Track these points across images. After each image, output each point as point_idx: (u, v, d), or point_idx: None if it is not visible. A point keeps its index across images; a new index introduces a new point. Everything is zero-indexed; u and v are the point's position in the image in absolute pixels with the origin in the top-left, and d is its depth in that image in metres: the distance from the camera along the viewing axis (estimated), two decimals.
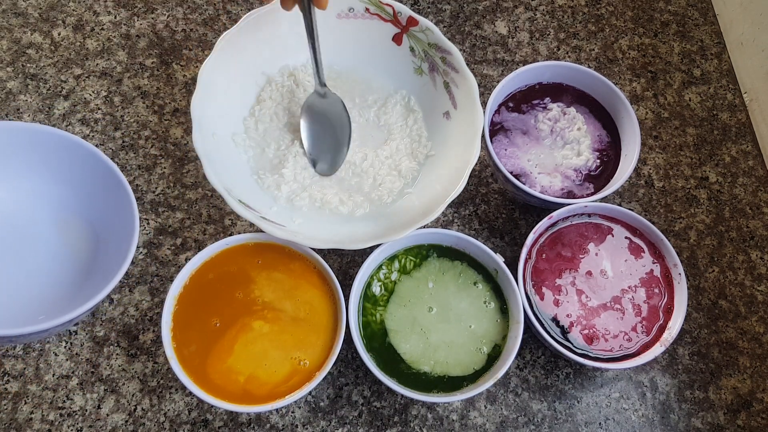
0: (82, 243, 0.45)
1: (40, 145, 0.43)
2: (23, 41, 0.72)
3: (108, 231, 0.45)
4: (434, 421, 0.60)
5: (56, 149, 0.43)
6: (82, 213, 0.46)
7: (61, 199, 0.45)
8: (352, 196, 0.62)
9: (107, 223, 0.45)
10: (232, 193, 0.55)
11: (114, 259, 0.42)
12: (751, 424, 0.62)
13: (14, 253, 0.44)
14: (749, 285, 0.68)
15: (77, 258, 0.45)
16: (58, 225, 0.45)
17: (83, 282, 0.44)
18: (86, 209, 0.45)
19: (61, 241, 0.45)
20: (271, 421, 0.58)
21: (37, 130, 0.42)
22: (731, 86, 0.79)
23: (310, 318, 0.56)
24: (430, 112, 0.66)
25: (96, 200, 0.45)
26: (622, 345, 0.59)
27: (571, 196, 0.64)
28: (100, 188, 0.44)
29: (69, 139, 0.42)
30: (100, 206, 0.45)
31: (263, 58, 0.64)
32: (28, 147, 0.43)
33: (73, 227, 0.45)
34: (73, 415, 0.57)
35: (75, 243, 0.45)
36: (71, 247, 0.45)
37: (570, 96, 0.69)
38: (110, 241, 0.44)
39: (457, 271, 0.61)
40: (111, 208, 0.44)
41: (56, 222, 0.45)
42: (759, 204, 0.73)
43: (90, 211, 0.45)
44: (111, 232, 0.44)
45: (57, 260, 0.45)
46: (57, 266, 0.44)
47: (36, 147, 0.43)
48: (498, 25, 0.80)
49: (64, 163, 0.44)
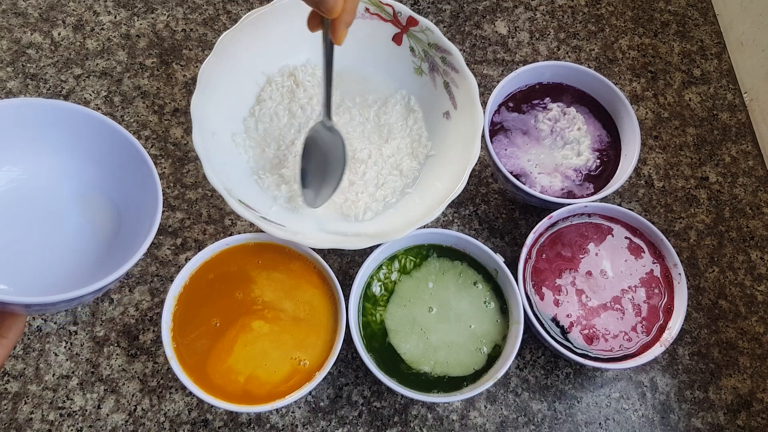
0: (105, 219, 0.47)
1: (63, 121, 0.43)
2: (23, 41, 0.72)
3: (130, 207, 0.46)
4: (434, 421, 0.60)
5: (79, 126, 0.44)
6: (105, 189, 0.47)
7: (84, 175, 0.46)
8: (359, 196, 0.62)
9: (130, 200, 0.46)
10: (232, 193, 0.55)
11: (136, 235, 0.43)
12: (751, 424, 0.62)
13: (38, 227, 0.45)
14: (749, 285, 0.68)
15: (100, 233, 0.46)
16: (81, 201, 0.46)
17: (107, 256, 0.45)
18: (109, 186, 0.46)
19: (84, 217, 0.46)
20: (271, 421, 0.58)
21: (61, 107, 0.43)
22: (731, 86, 0.79)
23: (310, 318, 0.56)
24: (430, 112, 0.66)
25: (119, 177, 0.46)
26: (622, 345, 0.59)
27: (571, 196, 0.64)
28: (122, 165, 0.45)
29: (92, 116, 0.43)
30: (123, 183, 0.46)
31: (263, 58, 0.64)
32: (52, 124, 0.43)
33: (96, 203, 0.47)
34: (73, 415, 0.57)
35: (98, 218, 0.46)
36: (94, 223, 0.46)
37: (570, 96, 0.69)
38: (132, 217, 0.46)
39: (457, 271, 0.61)
40: (133, 185, 0.45)
41: (79, 198, 0.46)
42: (759, 204, 0.73)
43: (112, 187, 0.46)
44: (133, 209, 0.46)
45: (80, 235, 0.46)
46: (81, 240, 0.46)
47: (59, 124, 0.44)
48: (498, 25, 0.80)
49: (86, 139, 0.45)
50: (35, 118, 0.43)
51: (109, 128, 0.44)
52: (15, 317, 0.40)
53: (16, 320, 0.40)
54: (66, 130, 0.44)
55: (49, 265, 0.44)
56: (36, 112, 0.42)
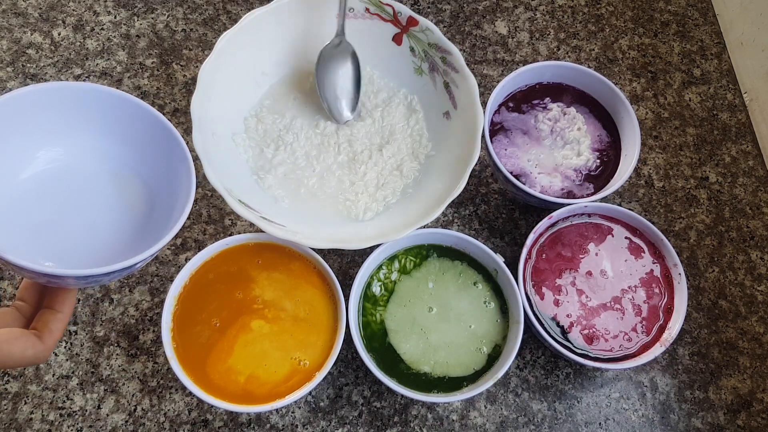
0: (139, 198, 0.48)
1: (99, 104, 0.45)
2: (23, 41, 0.72)
3: (163, 186, 0.48)
4: (434, 421, 0.60)
5: (114, 109, 0.46)
6: (139, 169, 0.48)
7: (119, 156, 0.48)
8: (359, 196, 0.62)
9: (163, 180, 0.48)
10: (232, 193, 0.55)
11: (170, 213, 0.45)
12: (751, 424, 0.62)
13: (76, 205, 0.47)
14: (749, 285, 0.68)
15: (135, 211, 0.48)
16: (116, 180, 0.48)
17: (142, 233, 0.47)
18: (143, 166, 0.48)
19: (119, 196, 0.48)
20: (271, 421, 0.58)
21: (98, 90, 0.45)
22: (731, 86, 0.79)
23: (310, 318, 0.56)
24: (430, 112, 0.66)
25: (152, 157, 0.48)
26: (622, 345, 0.59)
27: (571, 196, 0.64)
28: (156, 146, 0.47)
29: (127, 99, 0.45)
30: (156, 163, 0.48)
31: (263, 58, 0.64)
32: (89, 106, 0.45)
33: (131, 183, 0.48)
34: (73, 415, 0.57)
35: (132, 198, 0.48)
36: (129, 202, 0.48)
37: (570, 96, 0.69)
38: (166, 196, 0.47)
39: (457, 271, 0.61)
40: (167, 166, 0.47)
41: (114, 178, 0.48)
42: (759, 204, 0.73)
43: (146, 167, 0.48)
44: (166, 188, 0.47)
45: (115, 214, 0.47)
46: (115, 219, 0.47)
47: (96, 106, 0.45)
48: (498, 25, 0.80)
49: (121, 122, 0.46)
50: (73, 101, 0.44)
51: (143, 111, 0.46)
52: (67, 292, 0.42)
53: (68, 294, 0.42)
54: (102, 113, 0.46)
55: (86, 243, 0.46)
56: (75, 95, 0.44)
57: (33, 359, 0.39)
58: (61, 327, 0.41)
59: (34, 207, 0.45)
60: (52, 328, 0.40)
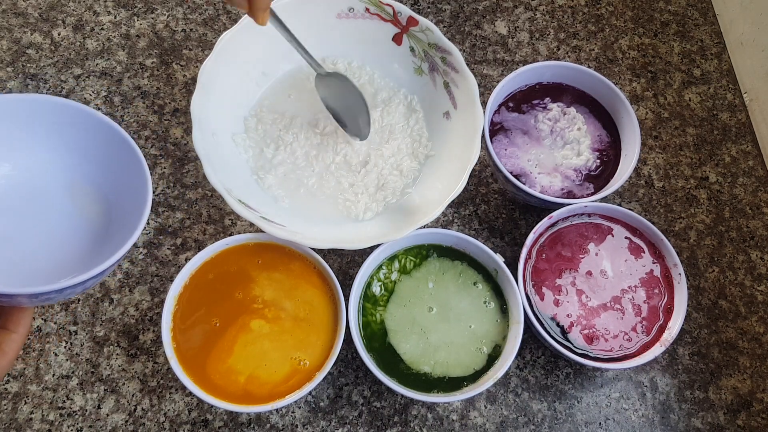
0: (96, 210, 0.47)
1: (49, 115, 0.44)
2: (23, 41, 0.72)
3: (121, 199, 0.47)
4: (434, 421, 0.60)
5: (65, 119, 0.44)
6: (95, 181, 0.47)
7: (73, 167, 0.47)
8: (359, 196, 0.62)
9: (120, 192, 0.46)
10: (232, 193, 0.55)
11: (127, 226, 0.43)
12: (751, 424, 0.62)
13: (31, 221, 0.45)
14: (749, 285, 0.68)
15: (93, 224, 0.47)
16: (72, 193, 0.47)
17: (101, 247, 0.46)
18: (99, 177, 0.47)
19: (76, 209, 0.47)
20: (271, 421, 0.58)
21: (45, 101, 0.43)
22: (731, 86, 0.79)
23: (310, 318, 0.56)
24: (430, 112, 0.66)
25: (108, 169, 0.46)
26: (622, 345, 0.59)
27: (571, 196, 0.64)
28: (111, 157, 0.46)
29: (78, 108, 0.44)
30: (113, 175, 0.46)
31: (263, 58, 0.64)
32: (38, 118, 0.44)
33: (86, 195, 0.47)
34: (73, 415, 0.57)
35: (89, 210, 0.47)
36: (86, 214, 0.47)
37: (570, 96, 0.69)
38: (123, 208, 0.46)
39: (457, 271, 0.61)
40: (124, 177, 0.45)
41: (69, 190, 0.47)
42: (759, 204, 0.73)
43: (102, 179, 0.47)
44: (124, 200, 0.46)
45: (73, 227, 0.46)
46: (73, 232, 0.46)
47: (45, 118, 0.44)
48: (498, 25, 0.80)
49: (74, 132, 0.45)
50: (21, 114, 0.43)
51: (98, 121, 0.44)
52: (22, 311, 0.41)
53: (23, 314, 0.41)
54: (54, 125, 0.44)
55: (43, 259, 0.45)
56: (21, 107, 0.43)
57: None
58: (15, 348, 0.40)
59: None
60: (6, 349, 0.39)
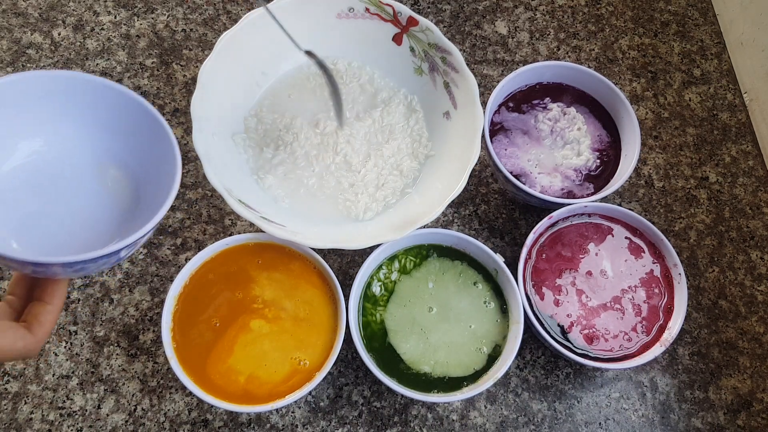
0: (125, 187, 0.47)
1: (78, 92, 0.44)
2: (23, 41, 0.72)
3: (149, 176, 0.47)
4: (434, 421, 0.60)
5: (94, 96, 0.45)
6: (124, 158, 0.47)
7: (103, 144, 0.47)
8: (359, 196, 0.62)
9: (149, 169, 0.47)
10: (232, 193, 0.55)
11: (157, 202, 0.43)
12: (751, 424, 0.62)
13: (60, 195, 0.46)
14: (749, 285, 0.68)
15: (120, 201, 0.47)
16: (101, 170, 0.47)
17: (128, 224, 0.46)
18: (128, 155, 0.47)
19: (104, 186, 0.47)
20: (271, 421, 0.58)
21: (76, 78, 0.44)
22: (731, 86, 0.79)
23: (311, 318, 0.56)
24: (430, 112, 0.66)
25: (138, 147, 0.46)
26: (622, 345, 0.59)
27: (571, 196, 0.64)
28: (142, 134, 0.46)
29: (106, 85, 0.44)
30: (142, 153, 0.46)
31: (263, 58, 0.64)
32: (68, 94, 0.44)
33: (116, 173, 0.47)
34: (73, 415, 0.57)
35: (118, 187, 0.47)
36: (114, 191, 0.47)
37: (570, 96, 0.69)
38: (152, 185, 0.46)
39: (457, 271, 0.61)
40: (153, 155, 0.46)
41: (98, 167, 0.47)
42: (759, 204, 0.73)
43: (131, 157, 0.47)
44: (152, 178, 0.46)
45: (100, 203, 0.47)
46: (101, 209, 0.46)
47: (75, 94, 0.44)
48: (498, 25, 0.80)
49: (103, 109, 0.45)
50: (55, 90, 0.43)
51: (127, 98, 0.44)
52: (56, 283, 0.41)
53: (58, 286, 0.41)
54: (84, 101, 0.45)
55: (75, 233, 0.45)
56: (56, 84, 0.43)
57: (24, 351, 0.38)
58: (51, 319, 0.40)
59: (18, 200, 0.44)
60: (42, 320, 0.40)
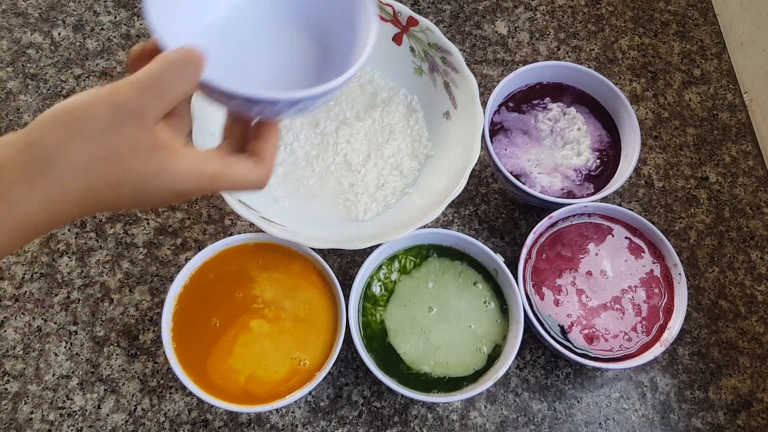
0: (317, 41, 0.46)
1: None
2: (23, 41, 0.72)
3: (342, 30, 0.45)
4: (434, 421, 0.60)
5: None
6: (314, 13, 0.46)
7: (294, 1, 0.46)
8: (359, 196, 0.62)
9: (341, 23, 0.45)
10: (232, 193, 0.55)
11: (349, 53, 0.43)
12: (751, 424, 0.62)
13: (259, 48, 0.45)
14: (749, 285, 0.68)
15: (311, 56, 0.46)
16: (296, 22, 0.46)
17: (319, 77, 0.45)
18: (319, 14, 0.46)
19: (298, 39, 0.46)
20: (271, 421, 0.58)
21: None
22: (731, 86, 0.79)
23: (310, 318, 0.56)
24: (430, 112, 0.66)
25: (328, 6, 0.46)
26: (622, 345, 0.59)
27: (571, 196, 0.64)
28: None
29: None
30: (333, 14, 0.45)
31: None
32: None
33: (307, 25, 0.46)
34: (73, 415, 0.57)
35: (309, 41, 0.46)
36: (302, 45, 0.46)
37: (570, 96, 0.69)
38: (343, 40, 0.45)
39: (457, 271, 0.61)
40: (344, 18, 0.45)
41: (293, 20, 0.46)
42: (759, 204, 0.73)
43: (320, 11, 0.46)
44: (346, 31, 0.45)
45: (294, 58, 0.46)
46: (294, 63, 0.46)
47: None
48: (498, 25, 0.80)
49: None
50: None
51: None
52: (270, 127, 0.39)
53: (272, 127, 0.39)
54: None
55: (276, 82, 0.44)
56: None
57: (257, 180, 0.38)
58: (271, 154, 0.39)
59: (223, 53, 0.42)
60: (264, 156, 0.38)
